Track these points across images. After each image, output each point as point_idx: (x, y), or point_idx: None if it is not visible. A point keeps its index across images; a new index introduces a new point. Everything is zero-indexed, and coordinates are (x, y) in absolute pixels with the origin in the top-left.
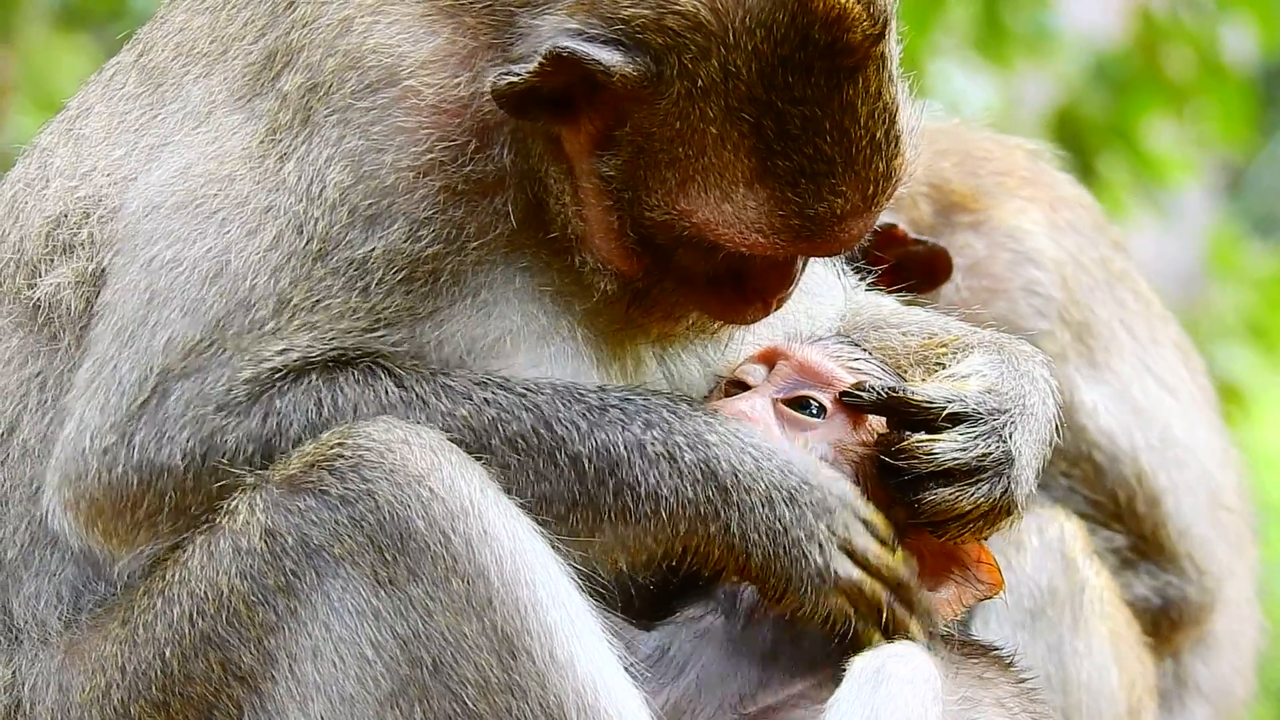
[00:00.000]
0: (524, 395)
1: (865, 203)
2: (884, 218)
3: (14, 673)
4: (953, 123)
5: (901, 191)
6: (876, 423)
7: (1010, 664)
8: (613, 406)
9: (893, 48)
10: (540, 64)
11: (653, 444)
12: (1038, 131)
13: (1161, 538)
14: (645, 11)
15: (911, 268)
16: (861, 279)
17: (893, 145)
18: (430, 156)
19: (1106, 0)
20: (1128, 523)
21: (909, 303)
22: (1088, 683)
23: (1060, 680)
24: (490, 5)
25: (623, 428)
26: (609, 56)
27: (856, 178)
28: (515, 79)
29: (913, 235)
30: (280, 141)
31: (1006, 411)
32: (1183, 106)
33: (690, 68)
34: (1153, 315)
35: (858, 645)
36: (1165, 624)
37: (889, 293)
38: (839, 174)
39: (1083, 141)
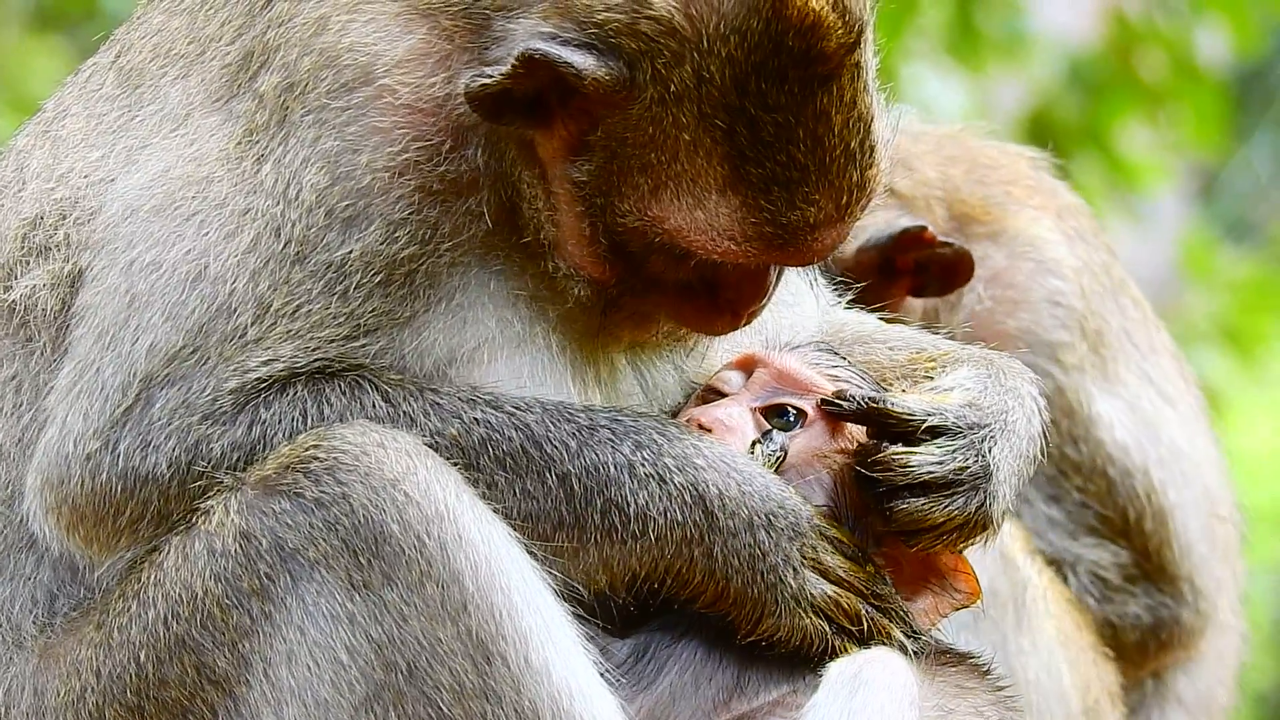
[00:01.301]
0: (513, 414)
1: (839, 212)
2: (909, 220)
3: None
4: (957, 129)
5: (878, 200)
6: (856, 431)
7: (987, 672)
8: (602, 426)
9: (869, 57)
10: (513, 66)
11: (642, 465)
12: (1011, 135)
13: (1165, 557)
14: (619, 16)
15: (933, 270)
16: (841, 296)
17: (867, 155)
18: (405, 156)
19: (1080, 3)
20: (1133, 540)
21: (894, 320)
22: (1035, 681)
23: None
24: (466, 8)
25: (613, 448)
26: (581, 60)
27: (830, 186)
28: (488, 81)
29: (940, 238)
30: (257, 143)
31: (986, 426)
32: (1156, 110)
33: (663, 73)
34: (1149, 323)
35: (835, 653)
36: (1153, 644)
37: (877, 309)
38: (812, 182)
39: (1056, 145)
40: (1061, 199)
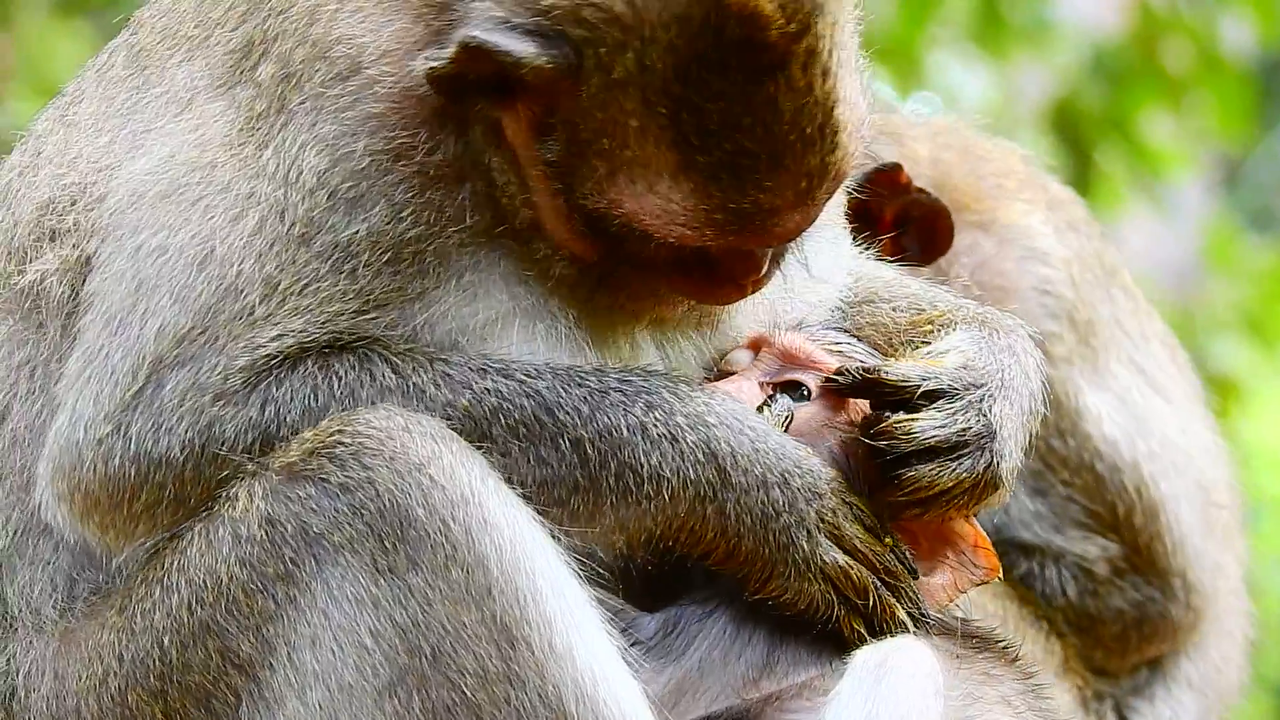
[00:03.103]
0: (524, 382)
1: (798, 197)
2: (889, 157)
3: (8, 660)
4: (953, 121)
5: (850, 180)
6: (863, 405)
7: (1016, 659)
8: (613, 389)
9: (833, 40)
10: (454, 53)
11: (655, 425)
12: (1035, 124)
13: (1156, 551)
14: (564, 2)
15: (913, 225)
16: (865, 249)
17: (829, 140)
18: (401, 141)
19: None
20: (1123, 534)
21: (907, 272)
22: None
23: None
24: None
25: (624, 410)
26: (520, 48)
27: (785, 173)
28: (435, 65)
29: (916, 184)
30: (258, 130)
31: (984, 386)
32: (1180, 99)
33: (606, 60)
34: (1140, 311)
35: (867, 633)
36: (1135, 636)
37: (890, 262)
38: (764, 169)
39: (1080, 134)
40: (1052, 192)
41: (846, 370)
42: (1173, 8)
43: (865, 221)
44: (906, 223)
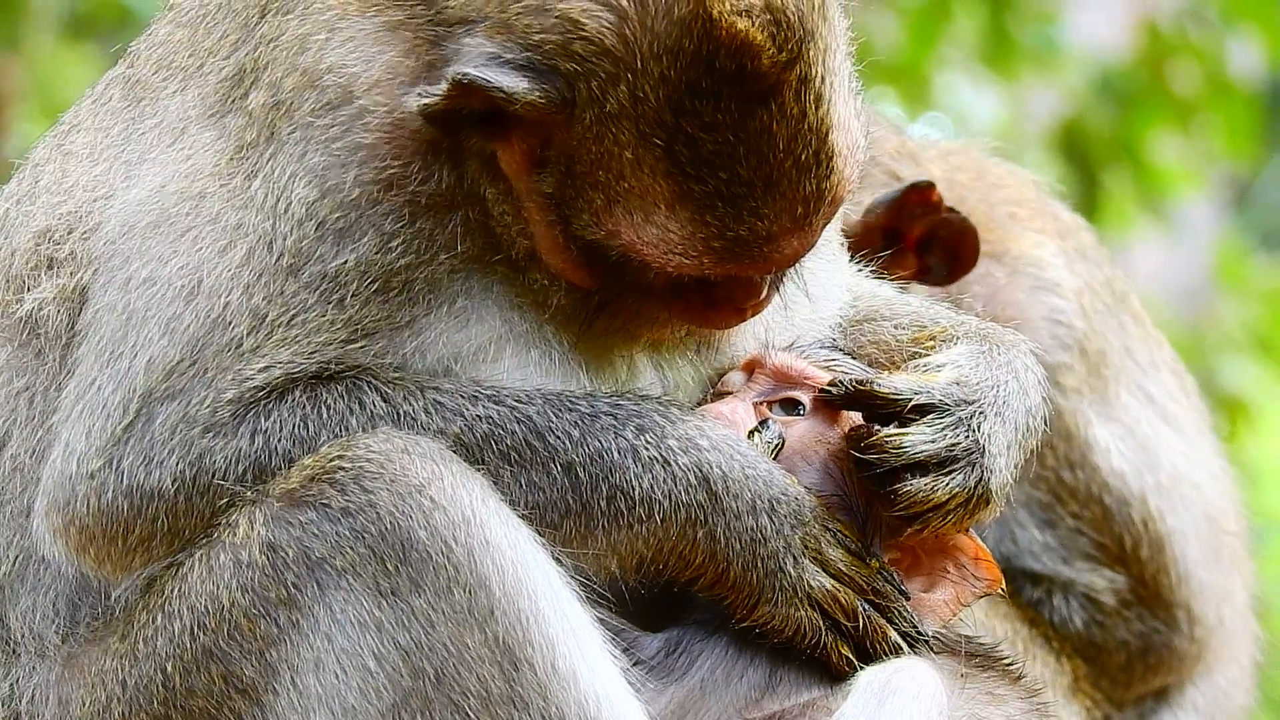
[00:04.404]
0: (515, 408)
1: (795, 222)
2: (908, 176)
3: (11, 686)
4: (962, 144)
5: (848, 203)
6: (855, 418)
7: (1020, 677)
8: (604, 413)
9: (825, 65)
10: (447, 89)
11: (646, 448)
12: (1044, 145)
13: (1160, 584)
14: (554, 37)
15: (938, 249)
16: (863, 267)
17: (824, 165)
18: (391, 171)
19: (1113, 14)
20: (1129, 566)
21: (904, 289)
22: None
23: None
24: (430, 20)
25: (615, 433)
26: (513, 83)
27: (781, 199)
28: (428, 101)
29: (947, 203)
30: (248, 159)
31: (975, 402)
32: (1189, 120)
33: (599, 94)
34: (1149, 338)
35: (857, 658)
36: (1140, 666)
37: (891, 279)
38: (760, 196)
39: (1089, 155)
40: (1062, 220)
41: (839, 382)
42: (1180, 30)
43: (890, 239)
44: (932, 241)
